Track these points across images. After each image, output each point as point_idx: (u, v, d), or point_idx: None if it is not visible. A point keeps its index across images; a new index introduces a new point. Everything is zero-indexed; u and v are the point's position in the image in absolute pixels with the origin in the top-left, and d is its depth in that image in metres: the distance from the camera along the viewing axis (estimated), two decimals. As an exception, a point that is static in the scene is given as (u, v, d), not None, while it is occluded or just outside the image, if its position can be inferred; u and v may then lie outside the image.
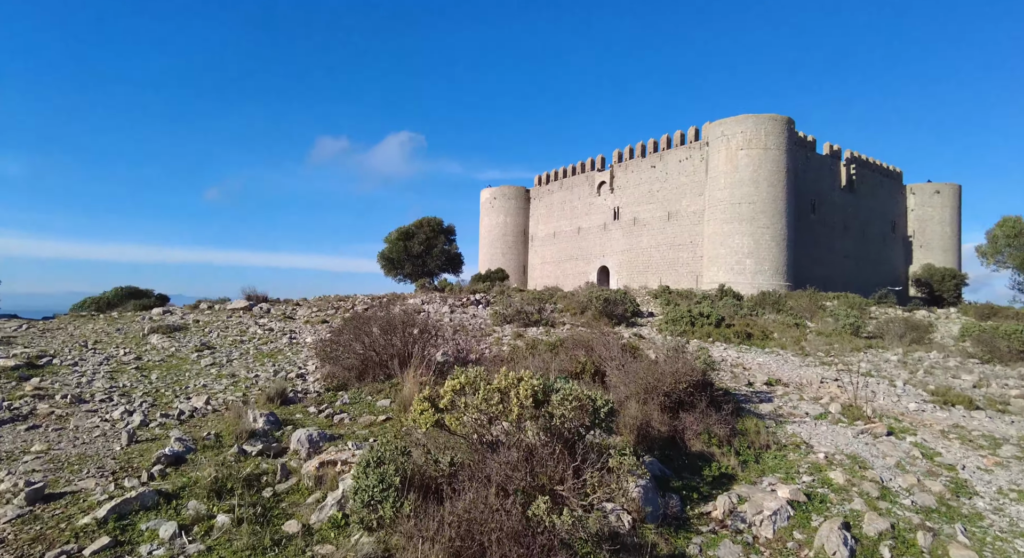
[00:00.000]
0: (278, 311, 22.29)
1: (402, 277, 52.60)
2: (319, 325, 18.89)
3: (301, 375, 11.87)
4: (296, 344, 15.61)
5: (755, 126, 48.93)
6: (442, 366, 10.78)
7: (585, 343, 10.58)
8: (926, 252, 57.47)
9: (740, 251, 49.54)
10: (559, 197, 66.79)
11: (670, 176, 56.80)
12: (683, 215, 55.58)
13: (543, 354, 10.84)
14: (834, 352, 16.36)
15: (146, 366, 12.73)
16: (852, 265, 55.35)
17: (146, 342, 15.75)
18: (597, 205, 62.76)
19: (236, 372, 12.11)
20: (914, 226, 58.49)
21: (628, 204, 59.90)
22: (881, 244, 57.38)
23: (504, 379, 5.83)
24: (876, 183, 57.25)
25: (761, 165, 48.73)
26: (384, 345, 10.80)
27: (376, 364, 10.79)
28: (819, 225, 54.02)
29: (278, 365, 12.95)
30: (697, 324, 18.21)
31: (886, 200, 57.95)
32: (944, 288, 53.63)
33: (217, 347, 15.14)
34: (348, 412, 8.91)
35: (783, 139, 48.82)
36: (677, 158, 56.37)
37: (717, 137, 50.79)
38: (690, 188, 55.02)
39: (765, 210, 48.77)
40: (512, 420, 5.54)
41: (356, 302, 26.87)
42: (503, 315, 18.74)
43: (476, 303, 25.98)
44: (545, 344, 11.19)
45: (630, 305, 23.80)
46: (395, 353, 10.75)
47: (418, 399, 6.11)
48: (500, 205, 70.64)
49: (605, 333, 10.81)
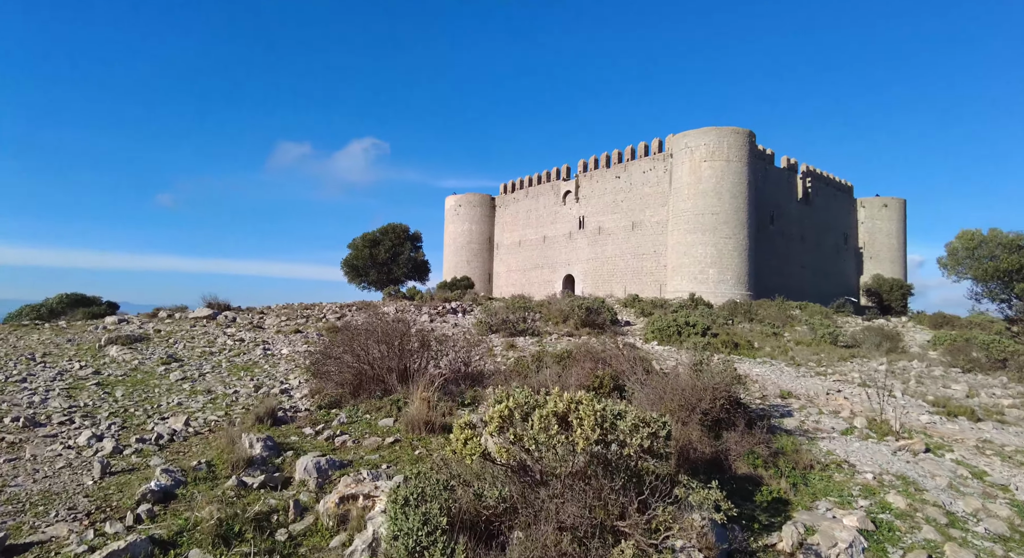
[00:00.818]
0: (244, 320, 20.90)
1: (366, 285, 51.07)
2: (292, 335, 17.68)
3: (286, 391, 10.79)
4: (272, 356, 14.43)
5: (718, 139, 49.59)
6: (444, 381, 9.92)
7: (596, 355, 9.91)
8: (875, 263, 59.28)
9: (703, 260, 49.97)
10: (525, 205, 66.34)
11: (634, 186, 57.09)
12: (647, 225, 55.89)
13: (551, 367, 10.12)
14: (824, 362, 16.18)
15: (108, 381, 11.41)
16: (808, 275, 56.59)
17: (104, 354, 14.31)
18: (563, 214, 62.57)
19: (212, 388, 10.94)
20: (864, 238, 60.31)
21: (593, 213, 59.92)
22: (835, 255, 58.91)
23: (560, 402, 5.08)
24: (830, 196, 58.81)
25: (724, 177, 49.37)
26: (381, 358, 9.87)
27: (371, 379, 9.86)
28: (777, 236, 55.06)
29: (257, 379, 11.82)
30: (684, 333, 17.83)
31: (839, 213, 59.59)
32: (892, 297, 55.36)
33: (185, 359, 13.85)
34: (349, 433, 7.96)
35: (745, 152, 49.60)
36: (641, 169, 56.71)
37: (681, 149, 51.25)
38: (654, 198, 55.37)
39: (728, 221, 49.38)
40: (581, 449, 4.79)
41: (324, 310, 25.62)
42: (488, 324, 17.93)
43: (453, 312, 25.06)
44: (551, 356, 10.48)
45: (608, 313, 23.33)
46: (393, 367, 9.84)
47: (459, 425, 5.29)
48: (465, 213, 69.70)
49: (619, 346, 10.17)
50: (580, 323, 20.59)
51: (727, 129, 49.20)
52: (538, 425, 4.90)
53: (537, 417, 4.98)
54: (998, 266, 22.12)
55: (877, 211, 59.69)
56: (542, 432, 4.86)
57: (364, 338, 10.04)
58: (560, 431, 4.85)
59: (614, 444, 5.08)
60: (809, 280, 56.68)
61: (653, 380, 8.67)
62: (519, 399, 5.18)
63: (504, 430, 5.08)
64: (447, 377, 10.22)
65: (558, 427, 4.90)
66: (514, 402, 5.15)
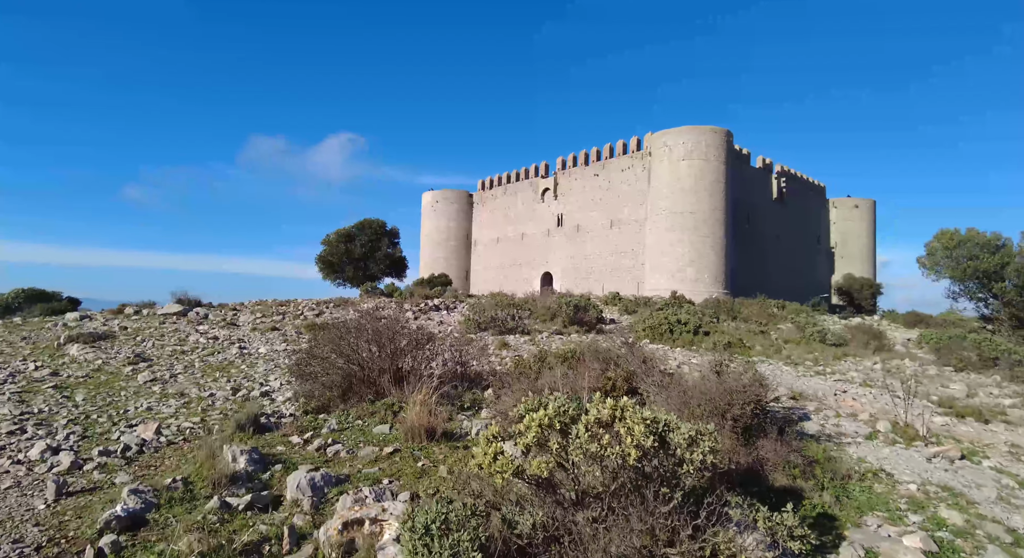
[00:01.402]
0: (217, 317, 19.74)
1: (342, 281, 49.70)
2: (269, 333, 16.64)
3: (267, 393, 9.86)
4: (249, 355, 13.42)
5: (696, 138, 49.50)
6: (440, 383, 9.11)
7: (602, 355, 9.22)
8: (847, 262, 60.02)
9: (681, 259, 49.86)
10: (503, 202, 65.56)
11: (613, 184, 56.78)
12: (626, 223, 55.63)
13: (554, 367, 9.39)
14: (820, 361, 15.78)
15: (67, 384, 10.33)
16: (782, 274, 56.96)
17: (63, 353, 13.15)
18: (541, 211, 61.96)
19: (185, 390, 9.95)
20: (836, 238, 61.01)
21: (572, 211, 59.44)
22: (808, 254, 59.45)
23: (603, 409, 4.35)
24: (803, 196, 59.31)
25: (702, 176, 49.30)
26: (371, 359, 9.02)
27: (362, 381, 9.00)
28: (753, 236, 55.26)
29: (234, 381, 10.84)
30: (676, 331, 17.30)
31: (812, 213, 60.15)
32: (862, 296, 56.03)
33: (155, 359, 12.77)
34: (342, 442, 7.12)
35: (723, 151, 49.61)
36: (620, 167, 56.41)
37: (660, 147, 51.04)
38: (632, 197, 55.14)
39: (706, 220, 49.33)
40: (631, 464, 4.06)
41: (300, 307, 24.51)
42: (476, 322, 17.12)
43: (436, 309, 24.18)
44: (555, 356, 9.76)
45: (595, 311, 22.74)
46: (385, 368, 9.00)
47: (485, 437, 4.53)
48: (442, 209, 68.61)
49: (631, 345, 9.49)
50: (568, 321, 19.93)
51: (705, 128, 49.16)
52: (584, 435, 4.16)
53: (583, 426, 4.24)
54: (977, 266, 22.13)
55: (848, 212, 60.46)
56: (592, 441, 4.12)
57: (354, 337, 9.17)
58: (612, 442, 4.12)
59: (667, 457, 4.37)
60: (783, 279, 57.05)
61: (672, 383, 8.00)
62: (558, 407, 4.42)
63: (543, 443, 4.33)
64: (443, 379, 9.41)
65: (607, 437, 4.16)
66: (553, 410, 4.39)
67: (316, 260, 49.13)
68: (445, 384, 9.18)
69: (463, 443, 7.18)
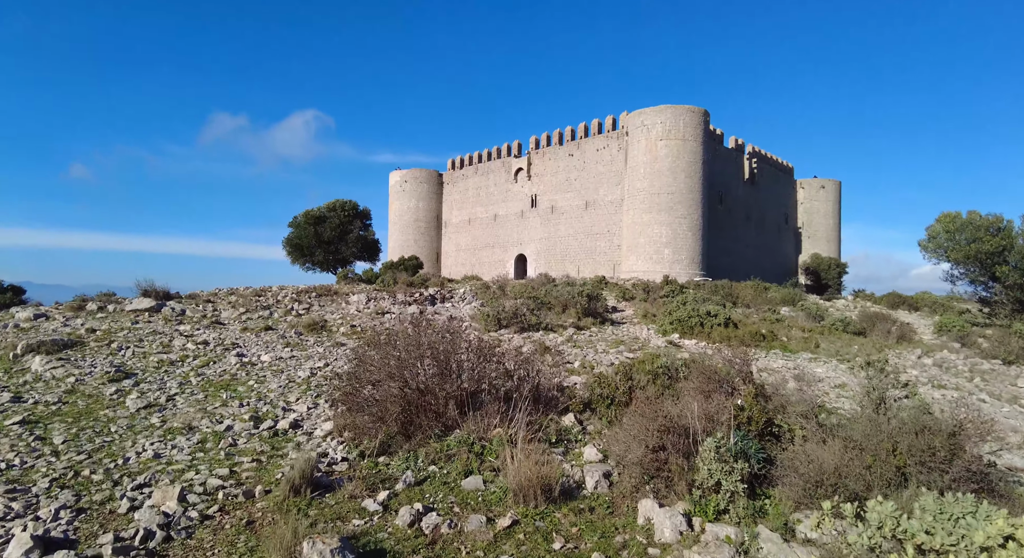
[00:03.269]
0: (196, 313, 17.39)
1: (311, 265, 46.89)
2: (264, 334, 14.49)
3: (297, 424, 7.93)
4: (252, 365, 11.35)
5: (674, 117, 48.37)
6: (511, 408, 7.38)
7: (710, 374, 7.63)
8: (813, 242, 60.51)
9: (658, 240, 49.02)
10: (474, 182, 63.32)
11: (588, 165, 55.34)
12: (601, 204, 54.39)
13: (645, 387, 7.78)
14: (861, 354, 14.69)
15: (37, 416, 8.16)
16: (753, 254, 56.92)
17: (23, 368, 10.81)
18: (514, 192, 60.08)
19: (192, 421, 7.93)
20: (803, 218, 61.37)
21: (546, 192, 57.80)
22: (777, 235, 59.60)
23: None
24: (773, 177, 59.24)
25: (680, 156, 48.32)
26: (434, 381, 7.21)
27: (420, 408, 7.20)
28: (726, 216, 54.85)
29: (248, 403, 8.85)
30: (706, 325, 15.98)
31: (780, 193, 60.20)
32: (829, 276, 56.62)
33: (139, 373, 10.58)
34: (435, 508, 5.37)
35: (700, 131, 48.69)
36: (595, 147, 54.95)
37: (637, 127, 49.73)
38: (608, 177, 53.83)
39: (683, 201, 48.50)
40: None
41: (280, 297, 22.24)
42: (495, 318, 15.34)
43: (431, 300, 22.26)
44: (644, 372, 8.11)
45: (602, 301, 21.30)
46: (451, 393, 7.23)
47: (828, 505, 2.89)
48: (411, 189, 65.88)
49: (736, 355, 7.96)
50: (583, 312, 18.40)
51: (683, 108, 48.05)
52: None
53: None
54: (980, 248, 21.60)
55: (815, 192, 60.76)
56: None
57: (410, 353, 7.32)
58: None
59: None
60: (753, 259, 57.04)
61: (832, 421, 6.51)
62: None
63: None
64: (510, 401, 7.67)
65: None
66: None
67: (283, 243, 46.09)
68: (519, 410, 7.46)
69: (587, 503, 5.53)
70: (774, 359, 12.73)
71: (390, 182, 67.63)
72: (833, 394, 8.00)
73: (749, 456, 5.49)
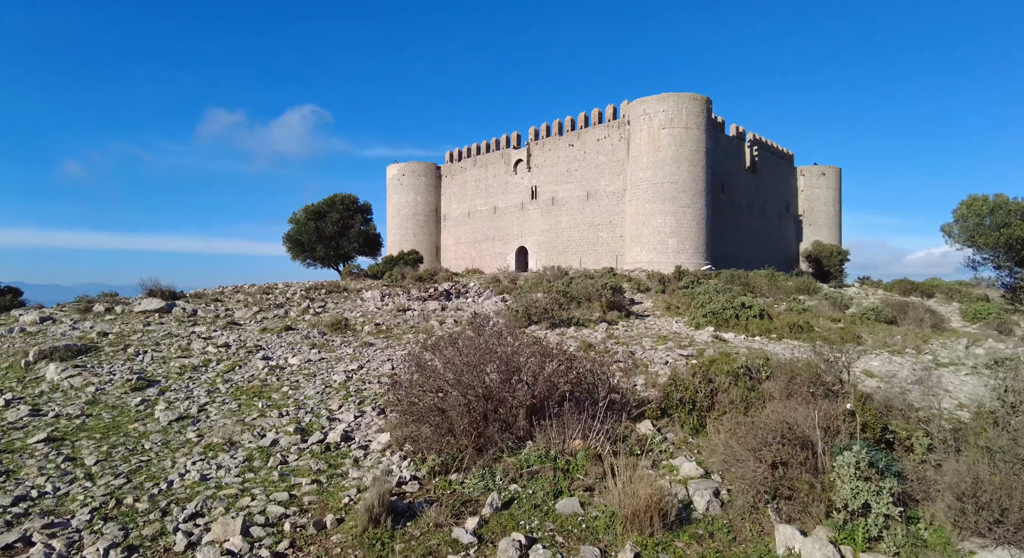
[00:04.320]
0: (208, 313, 16.62)
1: (312, 261, 45.97)
2: (285, 334, 13.74)
3: (347, 436, 7.23)
4: (280, 369, 10.61)
5: (676, 105, 47.66)
6: (587, 416, 6.72)
7: (803, 375, 6.98)
8: (814, 230, 60.08)
9: (662, 230, 48.43)
10: (473, 175, 62.39)
11: (588, 155, 54.58)
12: (602, 195, 53.70)
13: (728, 390, 7.13)
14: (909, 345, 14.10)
15: (62, 432, 7.42)
16: (755, 243, 56.46)
17: (38, 377, 10.05)
18: (514, 184, 59.22)
19: (232, 435, 7.21)
20: (804, 206, 60.90)
21: (546, 183, 57.02)
22: (778, 223, 59.11)
23: None
24: (774, 165, 58.66)
25: (683, 144, 47.66)
26: (505, 389, 6.53)
27: (485, 417, 6.52)
28: (727, 205, 54.28)
29: (288, 413, 8.13)
30: (741, 317, 15.37)
31: (781, 181, 59.66)
32: (831, 263, 56.21)
33: (163, 381, 9.84)
34: (540, 540, 4.71)
35: (703, 119, 48.03)
36: (596, 137, 54.18)
37: (639, 116, 49.00)
38: (609, 167, 53.12)
39: (686, 190, 47.89)
40: None
41: (289, 295, 21.52)
42: (526, 313, 14.64)
43: (447, 295, 21.55)
44: (723, 373, 7.44)
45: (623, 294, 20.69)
46: (523, 401, 6.55)
47: None
48: (409, 182, 64.85)
49: (832, 351, 7.28)
50: (607, 306, 17.76)
51: (685, 96, 47.37)
52: None
53: None
54: (1011, 233, 21.05)
55: (816, 179, 60.33)
56: None
57: (476, 358, 6.62)
58: None
59: None
60: (755, 248, 56.60)
61: (946, 426, 5.88)
62: None
63: None
64: (589, 409, 7.00)
65: None
66: None
67: (283, 239, 45.13)
68: (596, 418, 6.79)
69: (704, 528, 4.89)
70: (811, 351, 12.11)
71: (387, 176, 66.65)
72: (916, 392, 7.42)
73: (884, 472, 4.84)
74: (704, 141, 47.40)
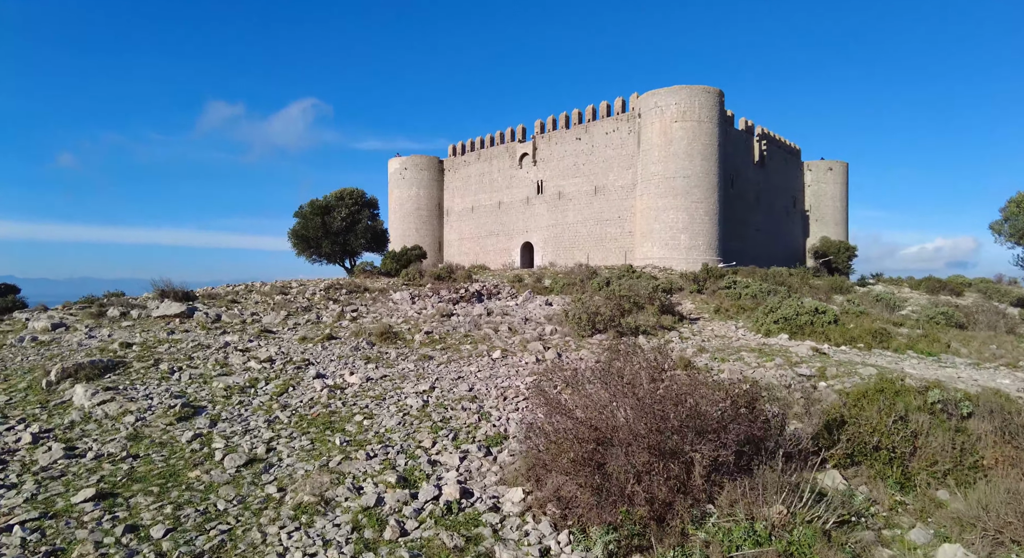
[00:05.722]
0: (232, 318, 15.12)
1: (317, 257, 44.23)
2: (329, 344, 12.28)
3: (467, 491, 5.86)
4: (340, 390, 9.19)
5: (689, 98, 46.42)
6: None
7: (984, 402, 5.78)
8: (821, 226, 59.18)
9: (674, 226, 47.28)
10: (477, 169, 60.82)
11: (596, 148, 53.24)
12: (611, 189, 52.41)
13: (934, 431, 5.84)
14: (1006, 356, 12.93)
15: (111, 485, 5.98)
16: (762, 238, 55.48)
17: (64, 402, 8.57)
18: (519, 178, 57.75)
19: (322, 489, 5.81)
20: (810, 201, 59.95)
21: (553, 177, 55.63)
22: (785, 218, 58.12)
23: None
24: (781, 159, 57.61)
25: (695, 138, 46.47)
26: (682, 440, 5.19)
27: (669, 478, 5.16)
28: (737, 200, 53.19)
29: (374, 454, 6.75)
30: (816, 323, 14.13)
31: (788, 176, 58.65)
32: (839, 259, 55.44)
33: (208, 406, 8.40)
34: None
35: (715, 112, 46.84)
36: (604, 130, 52.84)
37: (650, 108, 47.70)
38: (618, 161, 51.81)
39: (699, 184, 46.75)
40: None
41: (309, 295, 20.05)
42: (589, 321, 13.22)
43: (479, 296, 20.16)
44: (912, 408, 6.11)
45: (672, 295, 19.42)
46: (708, 454, 5.20)
47: None
48: (412, 177, 63.12)
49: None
50: (658, 311, 16.47)
51: (698, 88, 46.10)
52: None
53: None
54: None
55: (823, 174, 59.42)
56: None
57: (650, 402, 5.28)
58: None
59: None
60: (763, 244, 55.66)
61: None
62: None
63: None
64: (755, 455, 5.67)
65: None
66: None
67: (288, 235, 43.32)
68: (771, 467, 5.47)
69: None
70: (926, 366, 10.91)
71: (389, 170, 64.91)
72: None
73: None
74: (717, 135, 46.24)
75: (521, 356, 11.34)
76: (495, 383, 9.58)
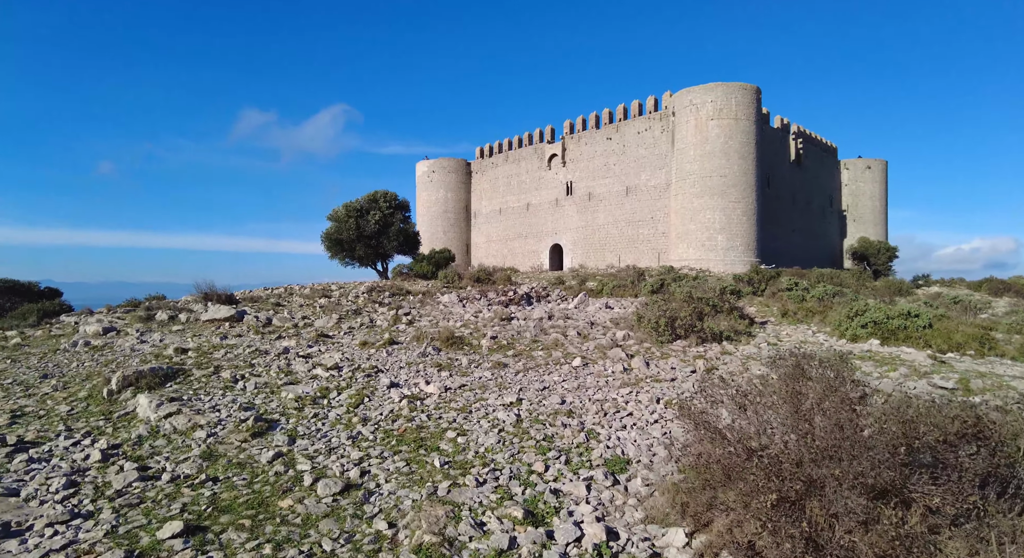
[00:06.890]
0: (284, 321, 14.43)
1: (350, 260, 43.73)
2: (391, 349, 11.49)
3: (612, 531, 4.96)
4: (419, 400, 8.36)
5: (725, 95, 45.09)
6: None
7: None
8: (859, 226, 57.30)
9: (711, 227, 45.96)
10: (504, 171, 60.03)
11: (628, 148, 52.11)
12: (643, 190, 51.24)
13: None
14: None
15: (199, 516, 5.21)
16: (799, 239, 53.87)
17: (128, 413, 7.86)
18: (548, 179, 56.83)
19: (441, 526, 4.97)
20: (848, 200, 58.10)
21: (582, 178, 54.63)
22: (821, 218, 56.39)
23: None
24: (818, 158, 55.92)
25: (732, 136, 45.13)
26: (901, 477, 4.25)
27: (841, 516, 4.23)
28: (773, 199, 51.69)
29: (484, 479, 5.89)
30: (910, 327, 12.98)
31: (825, 175, 56.91)
32: (879, 260, 53.55)
33: (281, 419, 7.62)
34: None
35: (752, 110, 45.46)
36: (635, 129, 51.69)
37: (685, 106, 46.48)
38: (650, 161, 50.62)
39: (736, 184, 45.40)
40: None
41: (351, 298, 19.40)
42: (669, 326, 12.22)
43: (528, 299, 19.27)
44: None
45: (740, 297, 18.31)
46: (931, 494, 4.26)
47: None
48: (439, 179, 62.58)
49: None
50: (738, 314, 15.41)
51: (734, 85, 44.76)
52: None
53: None
54: None
55: (861, 173, 57.55)
56: None
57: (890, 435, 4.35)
58: None
59: None
60: (799, 244, 54.05)
61: None
62: None
63: None
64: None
65: None
66: None
67: (322, 238, 42.80)
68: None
69: None
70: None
71: (417, 173, 64.46)
72: None
73: None
74: (754, 133, 44.89)
75: (604, 364, 10.40)
76: (587, 395, 8.66)
